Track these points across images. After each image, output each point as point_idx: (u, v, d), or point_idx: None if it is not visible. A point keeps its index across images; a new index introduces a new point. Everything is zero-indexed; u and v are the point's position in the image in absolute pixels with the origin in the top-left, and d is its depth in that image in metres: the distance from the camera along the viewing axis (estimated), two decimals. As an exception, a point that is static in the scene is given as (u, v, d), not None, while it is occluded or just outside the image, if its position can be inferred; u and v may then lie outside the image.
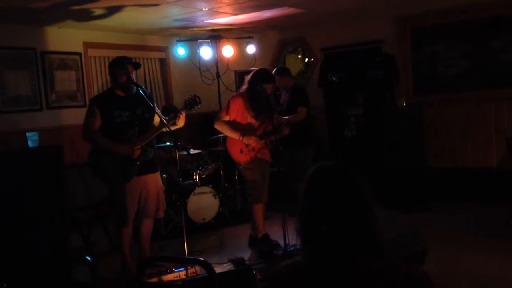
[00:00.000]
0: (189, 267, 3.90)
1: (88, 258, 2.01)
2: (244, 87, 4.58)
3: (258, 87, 4.45)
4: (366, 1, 5.61)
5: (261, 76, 4.52)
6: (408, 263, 1.34)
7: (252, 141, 4.48)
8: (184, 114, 4.03)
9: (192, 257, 3.73)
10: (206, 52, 6.98)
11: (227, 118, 4.53)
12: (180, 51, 7.04)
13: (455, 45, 5.90)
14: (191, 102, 4.07)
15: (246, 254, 4.51)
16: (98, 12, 5.21)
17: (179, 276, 3.89)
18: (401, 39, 6.27)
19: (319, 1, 5.41)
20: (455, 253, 4.16)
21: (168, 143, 5.16)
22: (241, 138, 4.47)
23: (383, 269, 1.26)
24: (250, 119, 4.54)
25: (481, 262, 3.95)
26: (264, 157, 4.62)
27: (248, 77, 4.60)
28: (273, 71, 5.25)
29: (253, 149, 4.53)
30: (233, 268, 4.03)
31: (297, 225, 1.36)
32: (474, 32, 5.75)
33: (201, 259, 1.93)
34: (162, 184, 4.26)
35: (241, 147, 4.54)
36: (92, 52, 6.44)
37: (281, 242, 4.38)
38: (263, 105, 4.47)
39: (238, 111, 4.52)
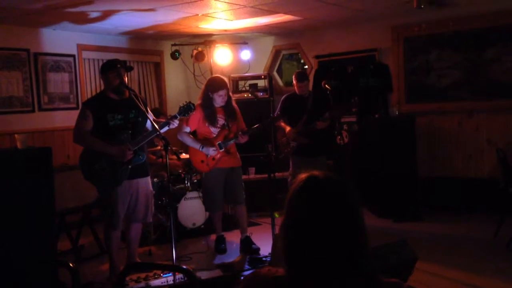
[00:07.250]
0: (177, 273, 3.88)
1: (69, 263, 1.99)
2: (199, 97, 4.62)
3: (209, 95, 4.49)
4: (361, 10, 5.64)
5: (210, 84, 4.54)
6: (397, 271, 1.31)
7: (211, 151, 4.49)
8: (177, 120, 4.04)
9: (173, 265, 3.71)
10: (200, 57, 6.98)
11: (187, 129, 4.55)
12: (175, 55, 7.04)
13: (448, 55, 5.93)
14: (186, 108, 4.07)
15: (235, 260, 4.49)
16: (93, 15, 5.20)
17: (167, 281, 3.88)
18: (394, 48, 6.30)
19: (314, 9, 5.42)
20: (444, 263, 4.16)
21: (159, 147, 5.15)
22: (200, 149, 4.49)
23: None
24: (212, 128, 4.56)
25: (470, 271, 3.95)
26: (226, 165, 4.61)
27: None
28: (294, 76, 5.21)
29: (213, 159, 4.54)
30: (222, 274, 4.02)
31: (281, 241, 1.27)
32: (467, 43, 5.78)
33: (184, 267, 1.91)
34: (152, 189, 4.24)
35: (202, 158, 4.55)
36: (86, 54, 6.43)
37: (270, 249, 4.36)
38: (215, 113, 4.50)
39: (199, 122, 4.54)
